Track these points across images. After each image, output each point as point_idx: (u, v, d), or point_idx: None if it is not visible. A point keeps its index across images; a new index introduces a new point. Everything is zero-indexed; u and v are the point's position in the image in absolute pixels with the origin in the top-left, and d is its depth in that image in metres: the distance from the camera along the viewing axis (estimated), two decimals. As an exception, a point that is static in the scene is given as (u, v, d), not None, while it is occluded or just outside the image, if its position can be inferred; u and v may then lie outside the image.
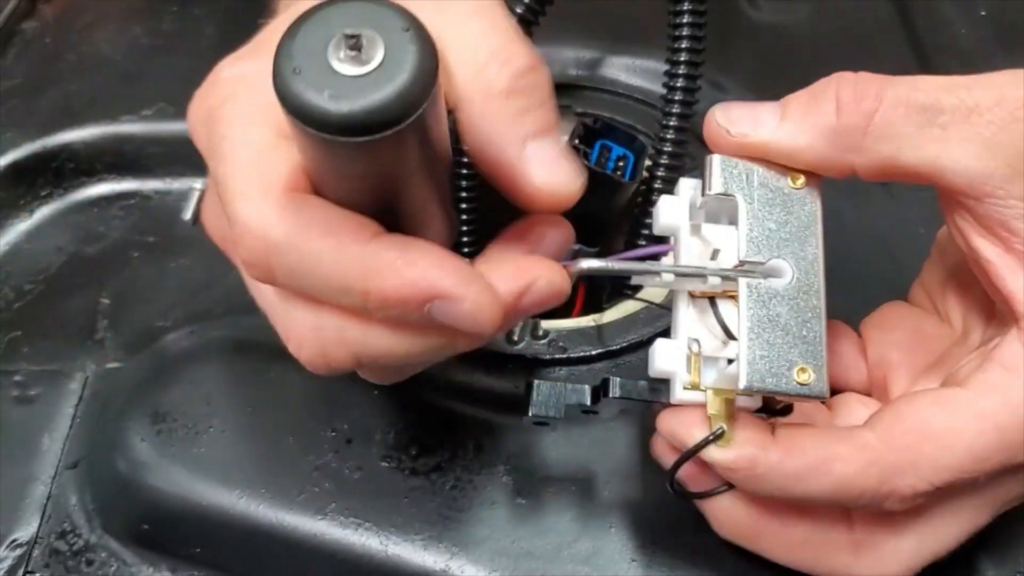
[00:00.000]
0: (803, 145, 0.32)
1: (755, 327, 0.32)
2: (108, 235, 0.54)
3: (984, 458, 0.31)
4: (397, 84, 0.25)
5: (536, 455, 0.41)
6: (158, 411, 0.43)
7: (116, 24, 0.62)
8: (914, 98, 0.31)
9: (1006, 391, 0.31)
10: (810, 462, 0.31)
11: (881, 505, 0.32)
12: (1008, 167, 0.30)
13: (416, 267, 0.28)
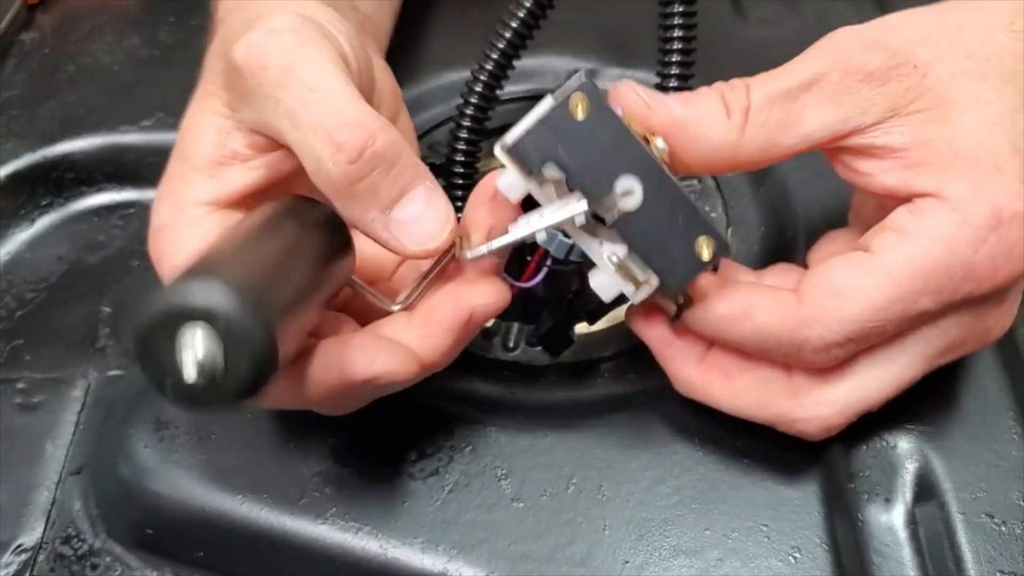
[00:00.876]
0: (703, 135, 0.36)
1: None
2: (109, 244, 0.55)
3: (883, 308, 0.35)
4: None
5: (531, 459, 0.42)
6: (160, 418, 0.44)
7: (114, 35, 0.63)
8: (773, 90, 0.36)
9: (898, 248, 0.35)
10: (737, 309, 0.37)
11: (799, 354, 0.36)
12: (855, 108, 0.35)
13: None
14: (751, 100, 0.36)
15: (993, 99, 0.36)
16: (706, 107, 0.36)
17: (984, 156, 0.35)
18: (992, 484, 0.40)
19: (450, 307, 0.37)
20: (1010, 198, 0.34)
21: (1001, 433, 0.42)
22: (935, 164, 0.35)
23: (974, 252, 0.34)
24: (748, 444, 0.42)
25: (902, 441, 0.42)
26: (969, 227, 0.34)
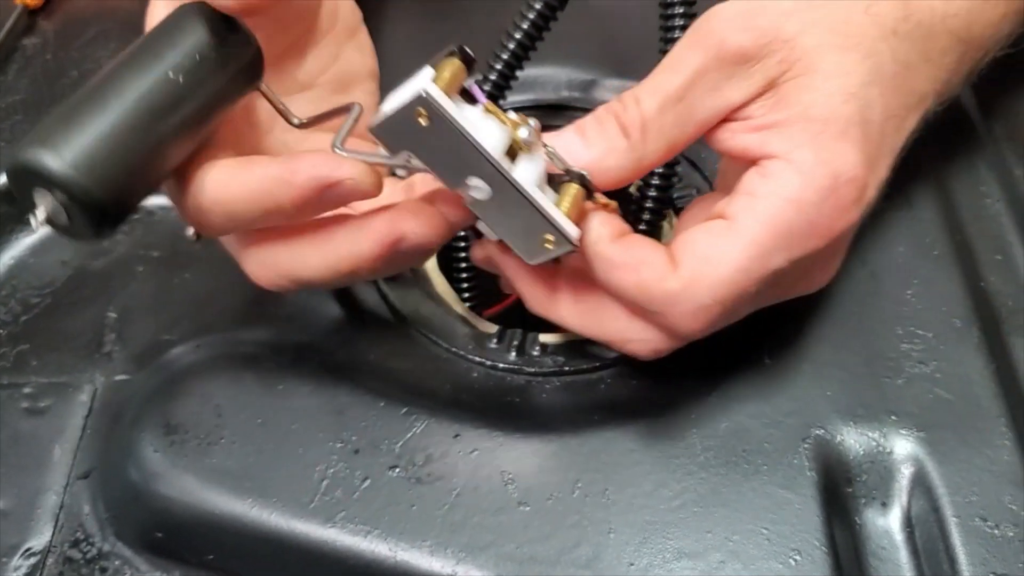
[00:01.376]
0: (612, 166, 0.39)
1: (496, 226, 0.39)
2: (113, 250, 0.55)
3: (745, 268, 0.37)
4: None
5: (537, 464, 0.43)
6: (170, 423, 0.45)
7: (117, 41, 0.63)
8: (662, 97, 0.38)
9: (751, 212, 0.38)
10: (629, 259, 0.38)
11: (669, 317, 0.39)
12: (736, 89, 0.38)
13: (299, 174, 0.36)
14: (644, 113, 0.38)
15: (853, 71, 0.38)
16: (606, 138, 0.39)
17: (833, 123, 0.37)
18: (985, 488, 0.41)
19: (384, 225, 0.39)
20: (848, 164, 0.37)
21: (993, 439, 0.43)
22: (787, 128, 0.38)
23: (817, 212, 0.37)
24: (748, 449, 0.43)
25: (898, 446, 0.43)
26: (812, 189, 0.37)
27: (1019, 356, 0.45)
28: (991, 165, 0.53)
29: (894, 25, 0.41)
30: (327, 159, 0.37)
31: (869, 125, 0.38)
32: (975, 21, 0.44)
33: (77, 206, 0.33)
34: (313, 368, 0.47)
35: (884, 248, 0.50)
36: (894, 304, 0.47)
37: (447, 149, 0.36)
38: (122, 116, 0.34)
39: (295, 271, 0.41)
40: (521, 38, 0.50)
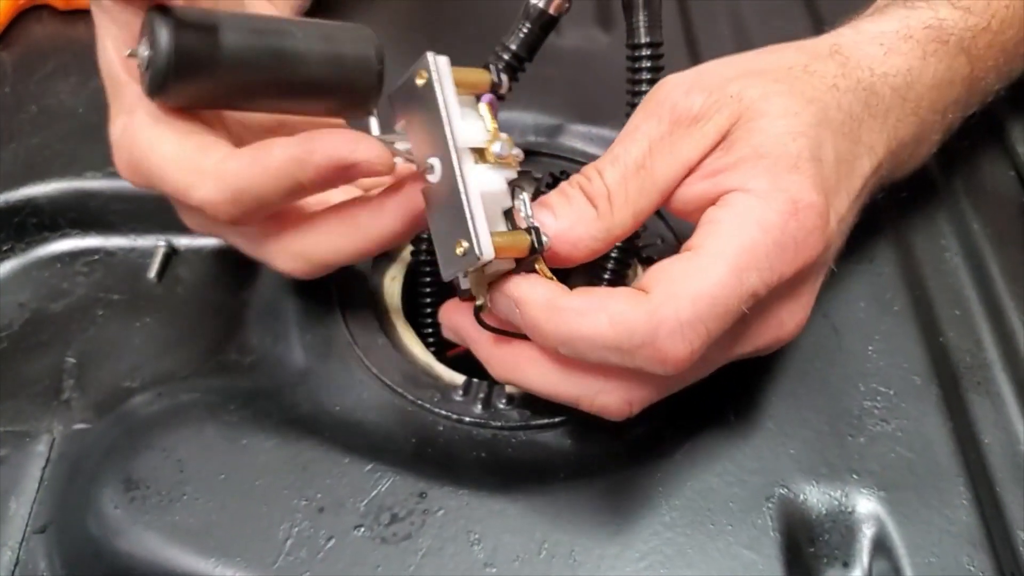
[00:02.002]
0: (583, 235, 0.39)
1: (435, 222, 0.39)
2: (72, 292, 0.54)
3: (723, 283, 0.37)
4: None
5: (503, 523, 0.43)
6: (131, 477, 0.44)
7: (78, 75, 0.62)
8: (622, 167, 0.40)
9: (718, 236, 0.38)
10: (592, 302, 0.37)
11: (655, 345, 0.36)
12: (692, 149, 0.40)
13: (316, 154, 0.38)
14: (608, 184, 0.39)
15: (799, 112, 0.40)
16: (574, 209, 0.40)
17: (784, 158, 0.39)
18: (944, 549, 0.42)
19: (404, 200, 0.41)
20: (803, 191, 0.38)
21: (952, 499, 0.43)
22: (741, 165, 0.39)
23: (781, 233, 0.38)
24: (713, 508, 0.43)
25: (860, 505, 0.43)
26: (772, 211, 0.38)
27: (977, 414, 0.46)
28: (950, 219, 0.54)
29: (833, 80, 0.42)
30: (344, 139, 0.38)
31: (821, 163, 0.40)
32: (916, 80, 0.45)
33: (150, 73, 0.39)
34: (277, 421, 0.47)
35: (846, 303, 0.50)
36: (856, 360, 0.48)
37: (426, 121, 0.38)
38: (247, 48, 0.40)
39: (326, 257, 0.43)
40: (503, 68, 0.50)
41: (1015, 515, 0.43)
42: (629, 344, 0.36)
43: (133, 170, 0.42)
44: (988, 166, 0.56)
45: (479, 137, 0.38)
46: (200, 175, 0.39)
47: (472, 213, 0.37)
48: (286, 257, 0.44)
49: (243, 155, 0.39)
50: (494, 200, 0.38)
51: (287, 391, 0.49)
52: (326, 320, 0.51)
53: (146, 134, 0.41)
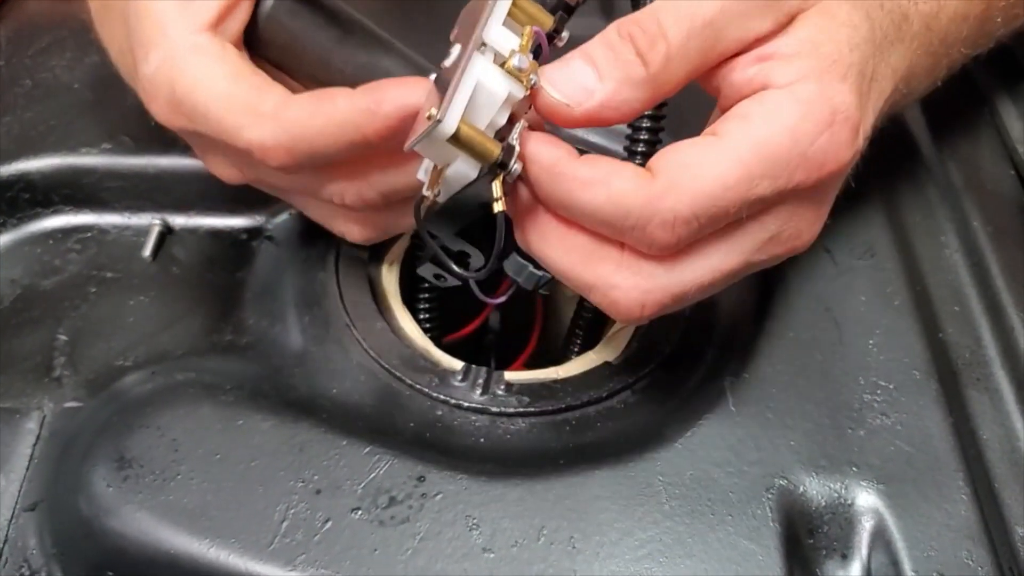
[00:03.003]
0: (628, 97, 0.37)
1: (427, 102, 0.37)
2: (65, 269, 0.54)
3: (730, 186, 0.36)
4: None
5: (502, 509, 0.42)
6: (124, 456, 0.43)
7: (74, 51, 0.62)
8: (693, 24, 0.36)
9: (744, 132, 0.36)
10: (598, 174, 0.36)
11: (646, 229, 0.36)
12: (762, 19, 0.37)
13: (384, 104, 0.38)
14: (669, 40, 0.36)
15: (858, 24, 0.39)
16: (621, 67, 0.37)
17: (839, 65, 0.38)
18: (943, 543, 0.42)
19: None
20: (846, 104, 0.37)
21: (951, 493, 0.43)
22: (795, 60, 0.37)
23: (811, 143, 0.37)
24: (713, 498, 0.43)
25: (859, 498, 0.43)
26: (810, 120, 0.37)
27: (975, 409, 0.46)
28: (951, 216, 0.54)
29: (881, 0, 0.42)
30: (412, 87, 0.38)
31: (863, 77, 0.39)
32: (941, 12, 0.45)
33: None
34: (273, 402, 0.46)
35: (847, 297, 0.50)
36: (857, 354, 0.48)
37: (472, 20, 0.37)
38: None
39: (397, 185, 0.42)
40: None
41: (1013, 510, 0.42)
42: (622, 223, 0.37)
43: (173, 107, 0.41)
44: (988, 165, 0.56)
45: (505, 43, 0.37)
46: (255, 116, 0.39)
47: (456, 87, 0.35)
48: (355, 191, 0.43)
49: (304, 102, 0.39)
50: (487, 100, 0.36)
51: (284, 373, 0.48)
52: (324, 303, 0.50)
53: (192, 68, 0.40)
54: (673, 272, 0.38)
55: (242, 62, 0.41)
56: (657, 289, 0.38)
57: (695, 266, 0.38)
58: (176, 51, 0.41)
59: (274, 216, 0.55)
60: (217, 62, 0.40)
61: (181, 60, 0.40)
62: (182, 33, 0.41)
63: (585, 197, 0.36)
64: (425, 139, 0.35)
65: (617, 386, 0.47)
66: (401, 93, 0.38)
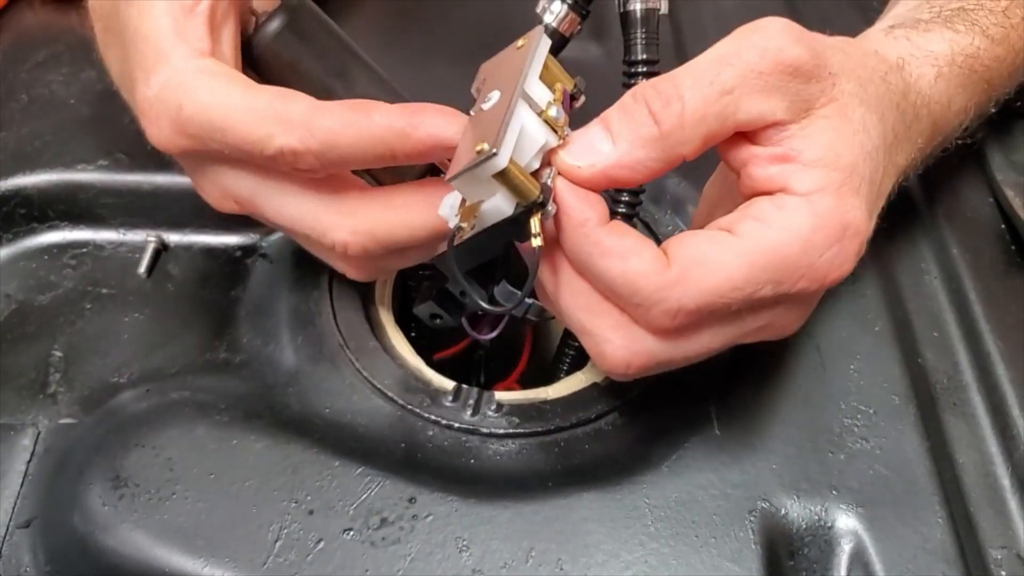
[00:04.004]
0: (641, 157, 0.38)
1: (464, 139, 0.38)
2: (60, 284, 0.54)
3: (737, 287, 0.37)
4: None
5: (491, 531, 0.43)
6: (120, 474, 0.44)
7: (70, 66, 0.62)
8: (711, 89, 0.37)
9: (760, 236, 0.38)
10: (618, 247, 0.37)
11: (648, 310, 0.38)
12: (783, 101, 0.38)
13: (419, 130, 0.39)
14: (686, 103, 0.37)
15: (872, 130, 0.40)
16: (633, 127, 0.38)
17: (855, 177, 0.39)
18: (919, 565, 0.43)
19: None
20: (857, 220, 0.38)
21: (928, 516, 0.45)
22: (814, 169, 0.38)
23: (819, 256, 0.38)
24: (697, 520, 0.44)
25: (839, 521, 0.44)
26: (822, 233, 0.38)
27: (952, 434, 0.47)
28: (930, 244, 0.55)
29: (898, 99, 0.43)
30: (448, 119, 0.38)
31: (873, 185, 0.40)
32: (947, 110, 0.47)
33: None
34: (267, 422, 0.47)
35: (829, 323, 0.51)
36: (838, 379, 0.49)
37: (506, 73, 0.39)
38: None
39: (395, 234, 0.42)
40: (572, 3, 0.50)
41: (987, 533, 0.44)
42: (629, 299, 0.38)
43: (179, 128, 0.41)
44: (968, 193, 0.58)
45: (542, 96, 0.39)
46: (283, 123, 0.39)
47: (506, 126, 0.36)
48: (348, 228, 0.42)
49: (337, 113, 0.39)
50: (528, 144, 0.38)
51: (277, 392, 0.49)
52: (317, 322, 0.51)
53: (204, 88, 0.40)
54: (665, 345, 0.40)
55: (249, 79, 0.42)
56: (645, 353, 0.40)
57: (687, 344, 0.40)
58: (181, 74, 0.41)
59: (268, 234, 0.56)
60: (227, 80, 0.41)
61: (188, 81, 0.41)
62: (184, 58, 0.41)
63: (601, 264, 0.38)
64: (472, 172, 0.36)
65: (605, 408, 0.48)
66: (439, 123, 0.39)
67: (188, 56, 0.41)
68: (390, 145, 0.39)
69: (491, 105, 0.38)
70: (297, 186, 0.43)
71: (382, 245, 0.42)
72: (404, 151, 0.39)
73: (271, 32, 0.44)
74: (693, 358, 0.41)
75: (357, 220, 0.42)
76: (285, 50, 0.44)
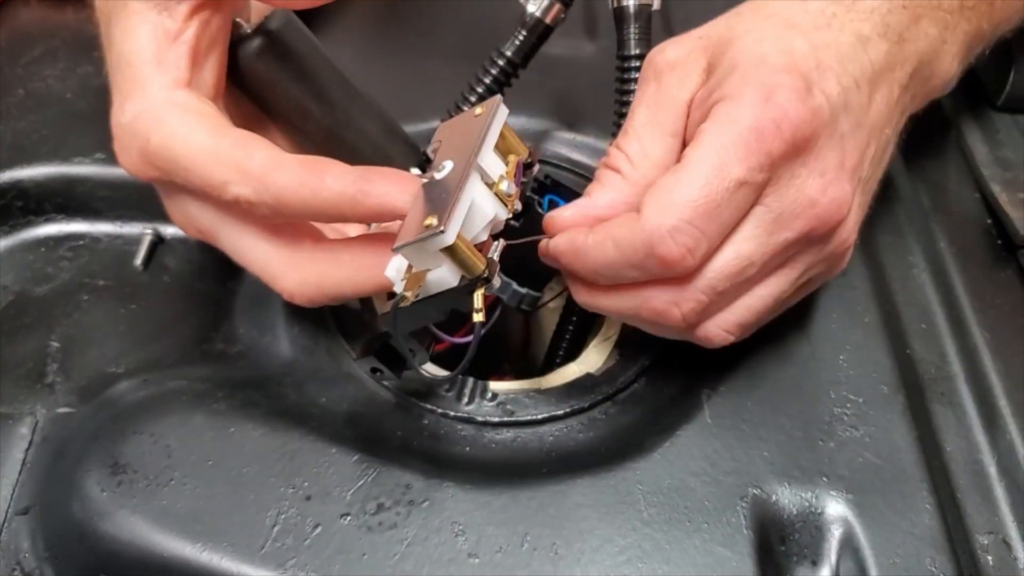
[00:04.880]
0: (616, 198, 0.43)
1: (413, 208, 0.39)
2: (57, 276, 0.54)
3: (704, 183, 0.39)
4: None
5: (487, 516, 0.44)
6: (118, 462, 0.44)
7: (67, 61, 0.62)
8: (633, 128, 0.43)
9: (697, 144, 0.40)
10: (600, 234, 0.41)
11: (656, 254, 0.39)
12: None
13: (370, 198, 0.39)
14: (625, 150, 0.43)
15: (757, 26, 0.43)
16: (604, 182, 0.43)
17: (752, 59, 0.41)
18: (907, 551, 0.44)
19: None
20: (773, 75, 0.40)
21: (916, 503, 0.45)
22: (723, 81, 0.41)
23: (756, 118, 0.39)
24: (689, 506, 0.44)
25: (829, 507, 0.45)
26: (746, 104, 0.40)
27: (940, 423, 0.48)
28: (918, 238, 0.56)
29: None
30: (399, 187, 0.39)
31: (792, 52, 0.41)
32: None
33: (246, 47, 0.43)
34: (264, 410, 0.47)
35: (819, 314, 0.52)
36: (828, 369, 0.50)
37: (462, 141, 0.40)
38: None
39: (340, 288, 0.43)
40: (482, 91, 0.51)
41: (974, 519, 0.44)
42: (636, 259, 0.40)
43: (147, 158, 0.42)
44: (954, 187, 0.59)
45: (495, 168, 0.40)
46: (241, 174, 0.39)
47: (456, 202, 0.37)
48: (295, 280, 0.43)
49: (292, 171, 0.39)
50: (478, 218, 0.40)
51: (274, 382, 0.49)
52: (313, 313, 0.52)
53: (172, 123, 0.41)
54: (717, 277, 0.41)
55: (222, 117, 0.42)
56: (710, 292, 0.41)
57: (749, 300, 0.43)
58: (154, 106, 0.41)
59: (264, 227, 0.56)
60: (197, 117, 0.41)
61: (159, 114, 0.41)
62: (159, 89, 0.41)
63: (601, 256, 0.41)
64: (419, 244, 0.37)
65: (598, 397, 0.49)
66: (391, 190, 0.39)
67: (164, 87, 0.41)
68: (341, 209, 0.39)
69: (444, 175, 0.39)
70: (254, 229, 0.43)
71: (328, 296, 0.43)
72: (355, 215, 0.39)
73: (251, 51, 0.44)
74: (766, 305, 0.43)
75: (304, 273, 0.43)
76: (264, 70, 0.44)
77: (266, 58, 0.44)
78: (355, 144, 0.45)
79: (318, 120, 0.44)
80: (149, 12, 0.41)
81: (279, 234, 0.43)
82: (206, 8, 0.42)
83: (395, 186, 0.39)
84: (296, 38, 0.44)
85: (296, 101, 0.44)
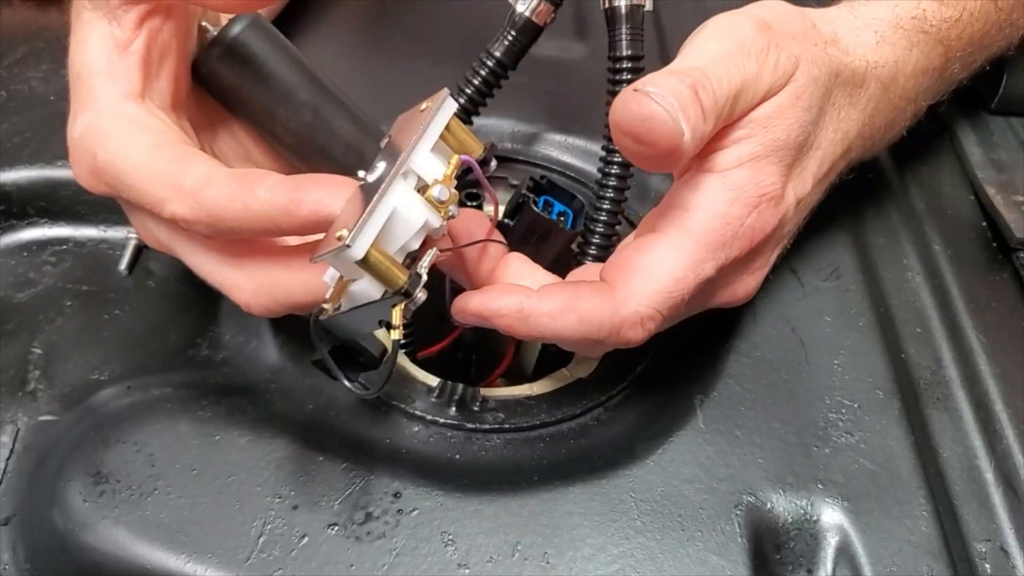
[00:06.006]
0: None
1: (344, 213, 0.37)
2: (39, 281, 0.54)
3: (680, 276, 0.41)
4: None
5: (477, 525, 0.43)
6: (101, 471, 0.44)
7: (50, 63, 0.62)
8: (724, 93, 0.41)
9: (682, 224, 0.41)
10: (560, 303, 0.40)
11: (618, 335, 0.41)
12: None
13: (303, 207, 0.37)
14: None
15: (811, 106, 0.43)
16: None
17: (776, 151, 0.42)
18: (904, 558, 0.43)
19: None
20: (774, 184, 0.42)
21: (912, 510, 0.45)
22: (735, 146, 0.42)
23: (741, 224, 0.41)
24: (683, 514, 0.44)
25: (824, 514, 0.44)
26: (740, 204, 0.41)
27: (935, 429, 0.47)
28: (913, 241, 0.55)
29: (839, 68, 0.45)
30: (332, 193, 0.37)
31: (801, 151, 0.43)
32: (899, 72, 0.48)
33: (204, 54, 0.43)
34: (251, 418, 0.46)
35: (813, 318, 0.52)
36: (822, 373, 0.49)
37: (405, 138, 0.38)
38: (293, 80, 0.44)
39: (294, 298, 0.41)
40: (471, 93, 0.51)
41: (971, 526, 0.44)
42: (597, 336, 0.41)
43: (96, 174, 0.41)
44: (949, 190, 0.58)
45: (429, 171, 0.38)
46: (176, 191, 0.38)
47: (371, 212, 0.36)
48: (250, 290, 0.42)
49: (225, 185, 0.38)
50: (403, 227, 0.37)
51: (260, 388, 0.49)
52: (299, 319, 0.51)
53: (116, 138, 0.40)
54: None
55: (167, 132, 0.41)
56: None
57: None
58: (102, 119, 0.40)
59: (251, 231, 0.56)
60: (141, 132, 0.40)
61: (106, 128, 0.40)
62: (109, 102, 0.40)
63: (559, 327, 0.40)
64: (332, 256, 0.36)
65: (590, 403, 0.48)
66: (323, 197, 0.37)
67: (114, 100, 0.41)
68: (275, 221, 0.38)
69: (375, 177, 0.37)
70: (202, 243, 0.42)
71: (283, 305, 0.42)
72: (290, 227, 0.38)
73: (211, 57, 0.43)
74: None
75: (258, 283, 0.41)
76: (226, 74, 0.43)
77: (228, 63, 0.43)
78: (326, 145, 0.44)
79: (284, 123, 0.44)
80: (100, 21, 0.40)
81: (228, 247, 0.42)
82: (156, 15, 0.41)
83: (328, 192, 0.37)
84: (260, 42, 0.43)
85: (261, 104, 0.44)
